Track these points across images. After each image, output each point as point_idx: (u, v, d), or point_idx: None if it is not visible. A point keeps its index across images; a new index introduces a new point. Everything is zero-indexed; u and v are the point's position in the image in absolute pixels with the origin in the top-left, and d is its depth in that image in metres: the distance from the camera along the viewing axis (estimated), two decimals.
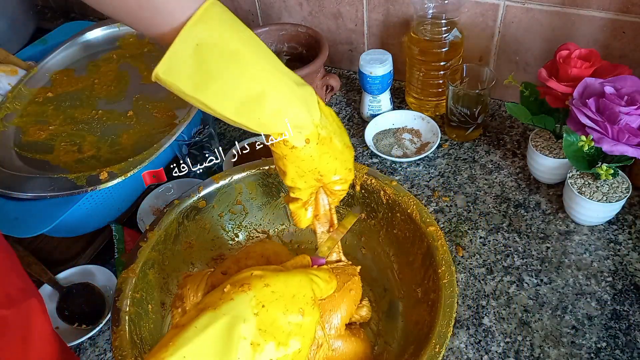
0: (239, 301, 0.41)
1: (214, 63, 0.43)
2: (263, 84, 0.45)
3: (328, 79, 0.89)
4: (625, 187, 0.71)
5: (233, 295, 0.41)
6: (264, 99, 0.46)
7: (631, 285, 0.68)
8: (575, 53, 0.71)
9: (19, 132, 0.85)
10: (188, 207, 0.68)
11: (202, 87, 0.43)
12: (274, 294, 0.42)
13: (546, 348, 0.63)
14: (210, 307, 0.40)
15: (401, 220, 0.65)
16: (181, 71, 0.43)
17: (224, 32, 0.44)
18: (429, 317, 0.55)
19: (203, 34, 0.43)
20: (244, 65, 0.45)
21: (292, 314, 0.42)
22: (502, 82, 0.82)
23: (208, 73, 0.43)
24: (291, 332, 0.42)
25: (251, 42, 0.46)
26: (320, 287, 0.47)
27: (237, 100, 0.45)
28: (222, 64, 0.44)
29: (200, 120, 0.86)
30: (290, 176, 0.52)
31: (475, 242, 0.75)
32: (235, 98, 0.45)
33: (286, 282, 0.44)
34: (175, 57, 0.42)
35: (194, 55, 0.42)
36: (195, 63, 0.43)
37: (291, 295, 0.43)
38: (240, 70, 0.44)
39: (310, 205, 0.57)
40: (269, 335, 0.40)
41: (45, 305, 0.53)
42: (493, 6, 0.85)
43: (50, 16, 1.43)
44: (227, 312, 0.40)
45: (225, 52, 0.44)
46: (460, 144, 0.90)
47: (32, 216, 0.70)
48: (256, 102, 0.46)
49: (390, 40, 1.00)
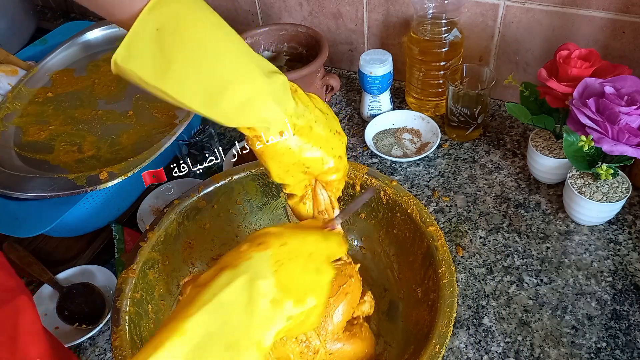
0: (257, 259, 0.41)
1: (176, 49, 0.40)
2: (228, 72, 0.43)
3: (328, 79, 0.89)
4: (625, 187, 0.71)
5: (251, 253, 0.41)
6: (230, 90, 0.43)
7: (631, 285, 0.68)
8: (575, 53, 0.71)
9: (19, 132, 0.85)
10: (188, 207, 0.68)
11: (163, 75, 0.41)
12: (291, 252, 0.43)
13: (546, 348, 0.63)
14: (230, 266, 0.40)
15: (401, 220, 0.65)
16: (141, 58, 0.40)
17: (187, 15, 0.41)
18: (429, 317, 0.55)
19: (163, 18, 0.40)
20: (208, 52, 0.42)
21: (309, 272, 0.43)
22: (502, 82, 0.82)
23: (169, 60, 0.40)
24: (308, 290, 0.42)
25: (218, 28, 0.43)
26: (333, 248, 0.47)
27: (201, 90, 0.42)
28: (185, 51, 0.41)
29: (200, 120, 0.86)
30: (274, 172, 0.50)
31: (475, 242, 0.75)
32: (199, 88, 0.42)
33: (303, 241, 0.44)
34: (135, 42, 0.40)
35: (154, 40, 0.40)
36: (156, 49, 0.40)
37: (308, 253, 0.44)
38: (204, 58, 0.41)
39: (308, 199, 0.55)
40: (287, 292, 0.41)
41: (34, 302, 0.53)
42: (493, 6, 0.85)
43: (50, 16, 1.43)
44: (246, 270, 0.40)
45: (188, 37, 0.41)
46: (460, 144, 0.90)
47: (32, 216, 0.70)
48: (221, 92, 0.43)
49: (390, 40, 1.00)
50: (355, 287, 0.56)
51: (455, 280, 0.55)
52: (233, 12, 1.12)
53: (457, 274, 0.71)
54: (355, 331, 0.57)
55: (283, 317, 0.40)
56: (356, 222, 0.71)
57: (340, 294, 0.54)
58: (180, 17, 0.40)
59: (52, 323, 0.72)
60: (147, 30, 0.40)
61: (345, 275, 0.55)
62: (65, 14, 1.43)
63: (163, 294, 0.64)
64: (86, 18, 1.38)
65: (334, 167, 0.52)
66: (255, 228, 0.75)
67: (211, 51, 0.42)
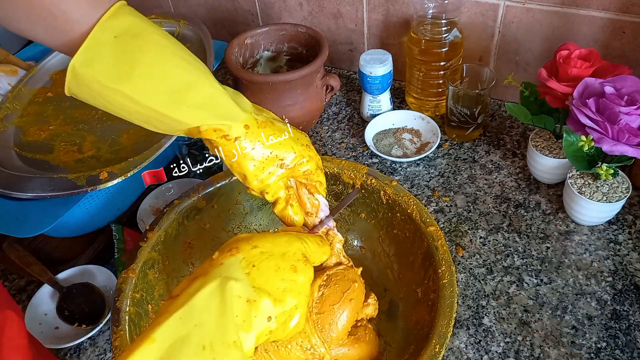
0: (228, 264, 0.42)
1: (138, 53, 0.43)
2: (189, 74, 0.46)
3: (328, 79, 0.89)
4: (625, 187, 0.71)
5: (222, 260, 0.42)
6: (193, 89, 0.45)
7: (631, 285, 0.68)
8: (575, 53, 0.71)
9: (19, 132, 0.85)
10: (188, 207, 0.68)
11: (127, 77, 0.43)
12: (263, 254, 0.43)
13: (546, 348, 0.63)
14: (201, 275, 0.41)
15: (401, 220, 0.65)
16: (101, 62, 0.42)
17: (143, 24, 0.45)
18: (429, 317, 0.55)
19: (122, 27, 0.43)
20: (168, 57, 0.45)
21: (284, 271, 0.43)
22: (502, 82, 0.82)
23: (132, 63, 0.43)
24: (286, 289, 0.42)
25: (170, 38, 0.46)
26: (311, 248, 0.47)
27: (166, 90, 0.44)
28: (148, 54, 0.44)
29: None
30: (252, 174, 0.50)
31: (475, 242, 0.75)
32: (164, 88, 0.44)
33: (274, 242, 0.45)
34: (94, 48, 0.42)
35: (114, 46, 0.42)
36: (117, 53, 0.42)
37: (281, 253, 0.44)
38: (165, 61, 0.45)
39: (293, 201, 0.55)
40: (263, 292, 0.41)
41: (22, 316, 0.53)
42: (493, 6, 0.85)
43: None
44: (217, 275, 0.40)
45: (148, 43, 0.44)
46: (460, 144, 0.90)
47: (32, 216, 0.70)
48: (186, 90, 0.45)
49: (390, 40, 1.00)
50: (359, 291, 0.55)
51: (455, 280, 0.55)
52: (233, 12, 1.12)
53: (457, 274, 0.71)
54: (360, 334, 0.57)
55: (262, 318, 0.40)
56: (356, 222, 0.71)
57: (345, 300, 0.53)
58: (137, 26, 0.44)
59: (52, 323, 0.72)
60: (106, 37, 0.43)
61: (348, 280, 0.55)
62: None
63: (163, 294, 0.64)
64: None
65: (306, 154, 0.53)
66: (255, 228, 0.75)
67: (170, 56, 0.45)
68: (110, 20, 0.43)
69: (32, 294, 0.74)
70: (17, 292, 0.78)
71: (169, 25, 0.94)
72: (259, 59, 0.97)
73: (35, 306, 0.72)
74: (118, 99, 0.44)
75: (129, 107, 0.45)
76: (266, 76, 0.84)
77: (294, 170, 0.53)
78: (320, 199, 0.56)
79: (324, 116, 0.99)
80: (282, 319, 0.42)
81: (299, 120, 0.89)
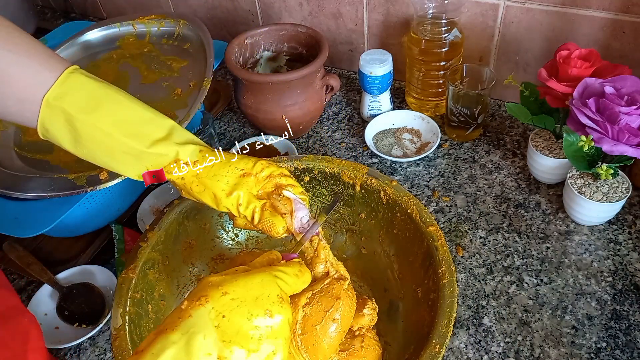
0: (197, 317, 0.39)
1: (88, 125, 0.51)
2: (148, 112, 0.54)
3: (328, 79, 0.89)
4: (625, 187, 0.71)
5: (191, 311, 0.39)
6: (153, 122, 0.54)
7: (631, 285, 0.68)
8: (575, 53, 0.71)
9: (19, 132, 0.85)
10: (188, 207, 0.68)
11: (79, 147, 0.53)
12: (233, 301, 0.40)
13: (546, 348, 0.63)
14: (168, 329, 0.38)
15: (401, 220, 0.65)
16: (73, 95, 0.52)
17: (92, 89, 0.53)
18: (429, 317, 0.55)
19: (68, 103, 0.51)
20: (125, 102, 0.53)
21: (258, 317, 0.40)
22: (502, 82, 0.82)
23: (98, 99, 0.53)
24: (262, 336, 0.40)
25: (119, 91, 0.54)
26: (288, 282, 0.44)
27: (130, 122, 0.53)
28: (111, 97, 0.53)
29: (200, 120, 0.86)
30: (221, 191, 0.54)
31: (475, 242, 0.75)
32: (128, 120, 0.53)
33: (246, 286, 0.41)
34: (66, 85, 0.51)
35: (66, 121, 0.51)
36: (69, 125, 0.51)
37: (253, 298, 0.41)
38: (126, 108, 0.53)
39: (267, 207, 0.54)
40: (235, 344, 0.38)
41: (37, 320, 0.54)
42: (493, 6, 0.85)
43: (50, 16, 1.43)
44: (184, 331, 0.38)
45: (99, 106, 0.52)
46: (460, 144, 0.90)
47: (32, 216, 0.70)
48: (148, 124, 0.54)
49: (390, 40, 1.00)
50: (345, 306, 0.52)
51: (455, 280, 0.55)
52: (233, 12, 1.12)
53: (457, 274, 0.71)
54: (356, 347, 0.55)
55: None
56: (356, 222, 0.71)
57: (327, 319, 0.50)
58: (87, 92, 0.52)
59: (52, 323, 0.72)
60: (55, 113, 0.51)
61: (332, 297, 0.52)
62: (65, 14, 1.43)
63: (163, 294, 0.64)
64: (86, 18, 1.39)
65: (262, 162, 0.56)
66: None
67: (126, 100, 0.54)
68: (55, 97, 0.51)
69: (32, 294, 0.74)
70: (17, 292, 0.78)
71: (169, 25, 0.93)
72: (259, 59, 0.97)
73: (35, 306, 0.72)
74: (87, 129, 0.51)
75: (99, 138, 0.51)
76: (266, 76, 0.84)
77: (256, 176, 0.55)
78: (287, 194, 0.55)
79: (324, 116, 0.99)
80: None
81: (299, 120, 0.89)
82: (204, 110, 0.85)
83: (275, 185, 0.55)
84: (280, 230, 0.54)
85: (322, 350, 0.51)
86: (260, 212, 0.54)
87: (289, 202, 0.55)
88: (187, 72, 0.84)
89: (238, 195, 0.53)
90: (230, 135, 0.99)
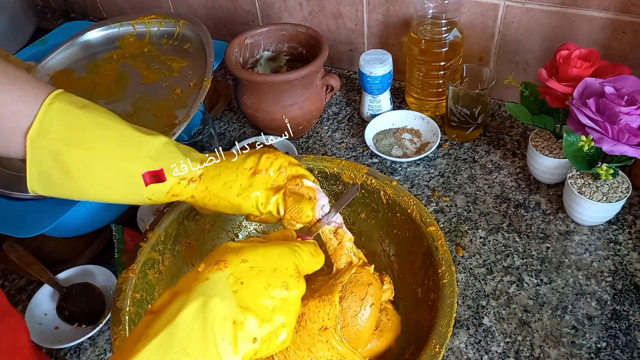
0: (214, 280, 0.39)
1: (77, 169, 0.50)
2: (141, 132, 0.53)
3: (328, 79, 0.89)
4: (625, 187, 0.71)
5: (208, 274, 0.39)
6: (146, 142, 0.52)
7: (631, 285, 0.68)
8: (575, 53, 0.71)
9: None
10: (188, 207, 0.67)
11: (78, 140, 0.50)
12: (253, 269, 0.40)
13: (546, 348, 0.63)
14: (184, 291, 0.38)
15: (401, 220, 0.65)
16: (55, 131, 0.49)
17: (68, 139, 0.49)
18: (429, 317, 0.55)
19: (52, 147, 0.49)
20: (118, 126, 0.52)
21: (275, 288, 0.40)
22: (502, 82, 0.82)
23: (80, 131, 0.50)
24: (275, 308, 0.40)
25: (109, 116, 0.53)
26: (304, 260, 0.44)
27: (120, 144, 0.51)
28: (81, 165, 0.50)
29: (200, 120, 0.86)
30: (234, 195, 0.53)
31: (475, 242, 0.75)
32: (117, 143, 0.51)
33: (265, 255, 0.41)
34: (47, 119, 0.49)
35: (54, 160, 0.49)
36: (57, 165, 0.49)
37: (272, 268, 0.41)
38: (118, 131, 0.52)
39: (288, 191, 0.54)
40: (251, 312, 0.38)
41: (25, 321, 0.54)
42: (493, 6, 0.85)
43: (50, 16, 1.43)
44: (201, 293, 0.38)
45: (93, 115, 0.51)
46: (460, 144, 0.90)
47: (32, 216, 0.70)
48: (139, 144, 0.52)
49: (390, 40, 1.00)
50: (377, 289, 0.53)
51: (455, 280, 0.55)
52: (233, 12, 1.13)
53: (457, 274, 0.71)
54: (383, 323, 0.56)
55: (248, 340, 0.38)
56: (356, 222, 0.71)
57: (365, 307, 0.51)
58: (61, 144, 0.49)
59: (52, 323, 0.72)
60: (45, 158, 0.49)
61: (364, 284, 0.52)
62: (65, 14, 1.43)
63: (163, 294, 0.64)
64: (86, 18, 1.39)
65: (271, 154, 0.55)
66: (255, 228, 0.75)
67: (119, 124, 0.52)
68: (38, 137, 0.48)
69: (32, 294, 0.74)
70: (17, 292, 0.78)
71: (169, 25, 0.94)
72: (259, 59, 0.97)
73: (35, 306, 0.72)
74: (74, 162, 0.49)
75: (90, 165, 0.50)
76: (266, 76, 0.84)
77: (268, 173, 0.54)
78: (307, 183, 0.54)
79: (324, 116, 0.99)
80: (267, 337, 0.39)
81: (299, 120, 0.89)
82: (204, 110, 0.85)
83: (289, 177, 0.54)
84: (310, 213, 0.53)
85: (363, 336, 0.52)
86: (284, 203, 0.53)
87: (310, 189, 0.54)
88: (187, 72, 0.84)
89: (256, 196, 0.53)
90: (230, 135, 0.99)
